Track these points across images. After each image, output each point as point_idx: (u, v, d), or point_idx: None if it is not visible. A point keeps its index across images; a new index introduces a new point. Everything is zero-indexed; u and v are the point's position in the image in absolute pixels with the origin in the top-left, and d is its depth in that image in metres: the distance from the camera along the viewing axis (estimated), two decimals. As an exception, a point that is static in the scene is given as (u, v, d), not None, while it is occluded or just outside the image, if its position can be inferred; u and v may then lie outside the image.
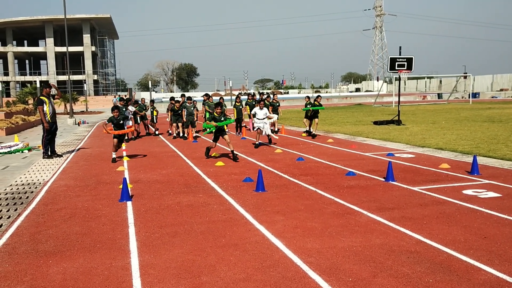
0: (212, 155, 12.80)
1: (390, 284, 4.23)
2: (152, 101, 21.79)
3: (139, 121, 19.18)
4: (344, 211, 6.80)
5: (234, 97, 22.01)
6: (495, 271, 4.47)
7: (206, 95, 20.68)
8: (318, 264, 4.74)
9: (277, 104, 20.33)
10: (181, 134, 18.36)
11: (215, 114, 12.34)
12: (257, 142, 14.83)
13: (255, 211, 6.84)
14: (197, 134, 18.61)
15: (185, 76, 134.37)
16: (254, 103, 19.87)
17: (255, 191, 8.19)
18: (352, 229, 5.92)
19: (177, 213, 6.88)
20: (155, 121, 20.38)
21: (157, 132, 20.03)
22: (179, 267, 4.74)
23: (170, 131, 19.60)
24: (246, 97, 22.08)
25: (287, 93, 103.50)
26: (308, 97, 18.92)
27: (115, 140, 12.35)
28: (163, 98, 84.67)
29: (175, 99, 19.24)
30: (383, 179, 8.98)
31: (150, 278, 4.47)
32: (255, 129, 15.24)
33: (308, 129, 18.00)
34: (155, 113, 20.58)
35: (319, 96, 18.13)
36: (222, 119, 12.31)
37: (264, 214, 6.67)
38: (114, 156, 12.34)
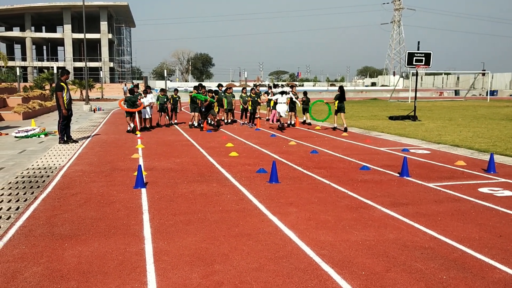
0: (226, 145, 12.82)
1: (403, 279, 4.22)
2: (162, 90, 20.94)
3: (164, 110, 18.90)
4: (357, 205, 6.77)
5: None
6: (511, 270, 4.42)
7: (220, 85, 20.66)
8: (331, 256, 4.74)
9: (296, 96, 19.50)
10: (195, 124, 18.37)
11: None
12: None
13: (268, 202, 6.85)
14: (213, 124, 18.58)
15: (201, 66, 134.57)
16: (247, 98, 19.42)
17: (269, 182, 8.19)
18: (365, 223, 5.90)
19: (190, 201, 6.92)
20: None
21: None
22: (193, 254, 4.78)
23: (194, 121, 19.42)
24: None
25: (302, 85, 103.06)
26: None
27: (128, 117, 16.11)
28: (178, 87, 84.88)
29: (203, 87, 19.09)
30: (398, 175, 8.92)
31: (164, 264, 4.52)
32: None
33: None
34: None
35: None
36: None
37: (277, 206, 6.68)
38: (132, 126, 15.88)
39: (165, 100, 18.70)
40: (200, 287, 4.04)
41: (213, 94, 18.34)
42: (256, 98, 19.19)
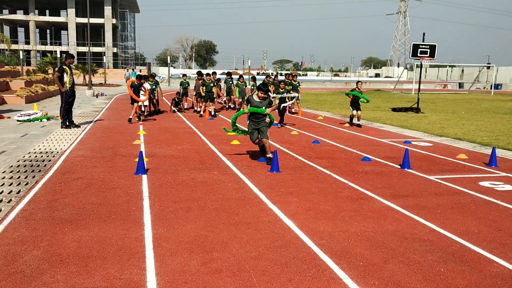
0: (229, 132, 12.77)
1: (401, 270, 4.23)
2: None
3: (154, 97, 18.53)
4: (357, 196, 6.78)
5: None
6: (508, 264, 4.43)
7: (228, 73, 20.54)
8: (330, 246, 4.76)
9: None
10: (200, 112, 18.27)
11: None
12: None
13: (268, 191, 6.86)
14: (215, 113, 18.46)
15: (204, 53, 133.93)
16: (245, 86, 19.44)
17: (270, 171, 8.20)
18: (365, 214, 5.91)
19: (191, 188, 6.93)
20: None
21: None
22: (192, 241, 4.80)
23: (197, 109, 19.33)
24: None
25: (306, 75, 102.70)
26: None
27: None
28: (181, 74, 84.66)
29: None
30: (399, 166, 8.91)
31: (163, 250, 4.54)
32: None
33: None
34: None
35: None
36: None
37: (277, 195, 6.69)
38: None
39: (154, 86, 17.95)
40: (199, 274, 4.06)
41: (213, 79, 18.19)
42: (244, 87, 19.21)
